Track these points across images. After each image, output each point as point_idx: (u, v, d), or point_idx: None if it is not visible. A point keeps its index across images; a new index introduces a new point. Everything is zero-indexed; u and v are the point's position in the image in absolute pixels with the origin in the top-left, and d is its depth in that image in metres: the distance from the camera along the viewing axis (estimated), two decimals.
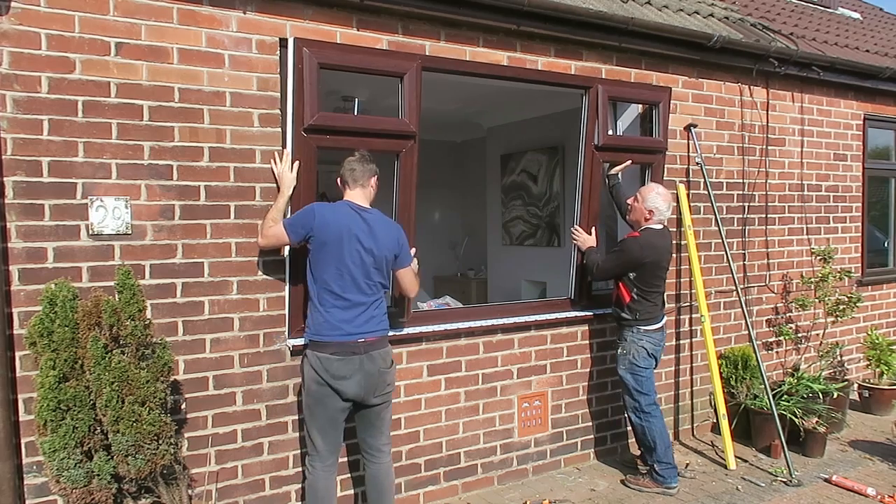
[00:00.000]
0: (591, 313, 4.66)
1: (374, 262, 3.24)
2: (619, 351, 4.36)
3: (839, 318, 5.54)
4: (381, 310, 3.32)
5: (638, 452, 4.56)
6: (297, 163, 3.45)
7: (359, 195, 3.33)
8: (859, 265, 6.35)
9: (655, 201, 4.21)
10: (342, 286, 3.18)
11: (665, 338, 4.44)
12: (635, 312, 4.24)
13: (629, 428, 4.88)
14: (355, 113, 5.54)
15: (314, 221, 3.18)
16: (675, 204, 4.45)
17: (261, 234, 3.30)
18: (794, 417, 4.79)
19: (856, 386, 5.94)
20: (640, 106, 4.94)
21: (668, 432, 4.33)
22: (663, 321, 4.36)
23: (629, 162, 4.68)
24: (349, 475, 3.85)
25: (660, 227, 4.27)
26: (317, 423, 3.24)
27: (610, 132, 4.97)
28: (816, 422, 4.85)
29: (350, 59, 3.61)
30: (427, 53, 3.92)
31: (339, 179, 3.37)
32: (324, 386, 3.17)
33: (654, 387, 4.33)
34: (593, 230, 4.59)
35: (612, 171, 4.67)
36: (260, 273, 3.51)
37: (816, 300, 5.53)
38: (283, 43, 3.50)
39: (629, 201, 4.41)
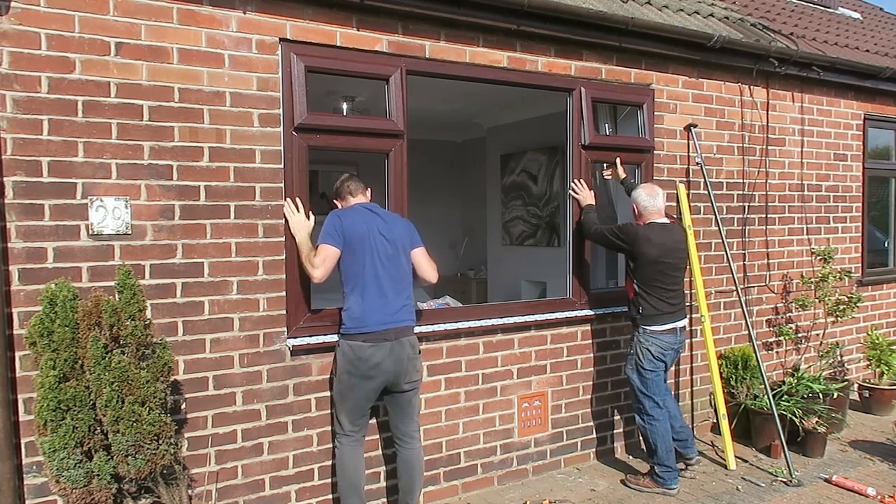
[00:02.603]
0: (590, 313, 4.66)
1: (397, 250, 3.50)
2: (628, 349, 4.35)
3: (839, 318, 5.54)
4: (411, 301, 3.57)
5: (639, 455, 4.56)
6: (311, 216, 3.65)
7: (364, 200, 3.62)
8: (859, 265, 6.35)
9: (637, 195, 4.27)
10: (376, 277, 3.42)
11: (679, 342, 4.28)
12: (638, 308, 4.20)
13: (629, 428, 4.90)
14: (344, 113, 5.59)
15: (343, 224, 3.43)
16: (661, 195, 4.28)
17: (313, 269, 3.37)
18: (794, 417, 4.79)
19: (856, 386, 5.94)
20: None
21: (671, 436, 4.27)
22: (674, 324, 4.22)
23: (618, 159, 4.70)
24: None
25: (664, 220, 4.23)
26: (346, 408, 3.46)
27: (609, 131, 5.00)
28: (816, 422, 4.85)
29: (337, 63, 3.71)
30: (426, 54, 3.94)
31: (335, 198, 3.67)
32: (355, 374, 3.38)
33: (660, 389, 4.24)
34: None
35: (622, 176, 4.67)
36: (260, 273, 3.51)
37: (816, 300, 5.53)
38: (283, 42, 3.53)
39: None
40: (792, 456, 4.58)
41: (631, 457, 4.84)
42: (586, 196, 4.53)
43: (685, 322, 4.37)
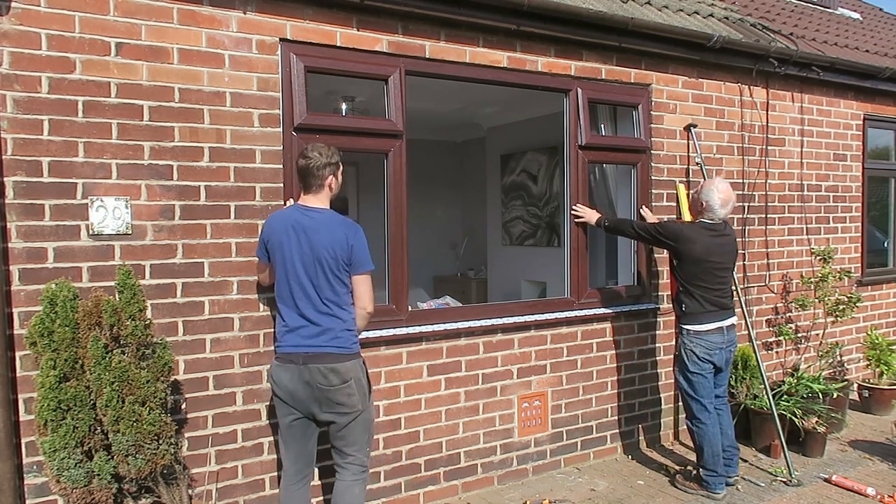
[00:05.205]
0: (590, 313, 4.66)
1: (321, 265, 3.00)
2: (675, 351, 4.34)
3: (839, 318, 5.54)
4: (338, 324, 3.05)
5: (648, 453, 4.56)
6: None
7: (311, 199, 3.11)
8: (859, 265, 6.35)
9: (708, 195, 4.07)
10: (291, 293, 3.04)
11: (727, 340, 4.18)
12: (681, 305, 4.17)
13: (629, 428, 4.90)
14: (343, 113, 5.60)
15: (263, 233, 3.17)
16: (734, 204, 4.26)
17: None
18: (793, 417, 4.79)
19: (855, 386, 5.94)
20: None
21: (719, 441, 4.18)
22: (720, 323, 4.13)
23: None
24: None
25: (713, 223, 4.12)
26: (278, 430, 3.21)
27: (608, 132, 5.00)
28: (816, 422, 4.86)
29: (336, 63, 3.72)
30: (426, 54, 3.94)
31: None
32: (274, 393, 3.13)
33: (708, 392, 4.15)
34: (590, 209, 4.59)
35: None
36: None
37: (816, 300, 5.53)
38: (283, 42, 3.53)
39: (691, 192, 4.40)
40: (792, 456, 4.58)
41: (630, 457, 4.84)
42: (591, 213, 4.52)
43: (733, 319, 4.23)
